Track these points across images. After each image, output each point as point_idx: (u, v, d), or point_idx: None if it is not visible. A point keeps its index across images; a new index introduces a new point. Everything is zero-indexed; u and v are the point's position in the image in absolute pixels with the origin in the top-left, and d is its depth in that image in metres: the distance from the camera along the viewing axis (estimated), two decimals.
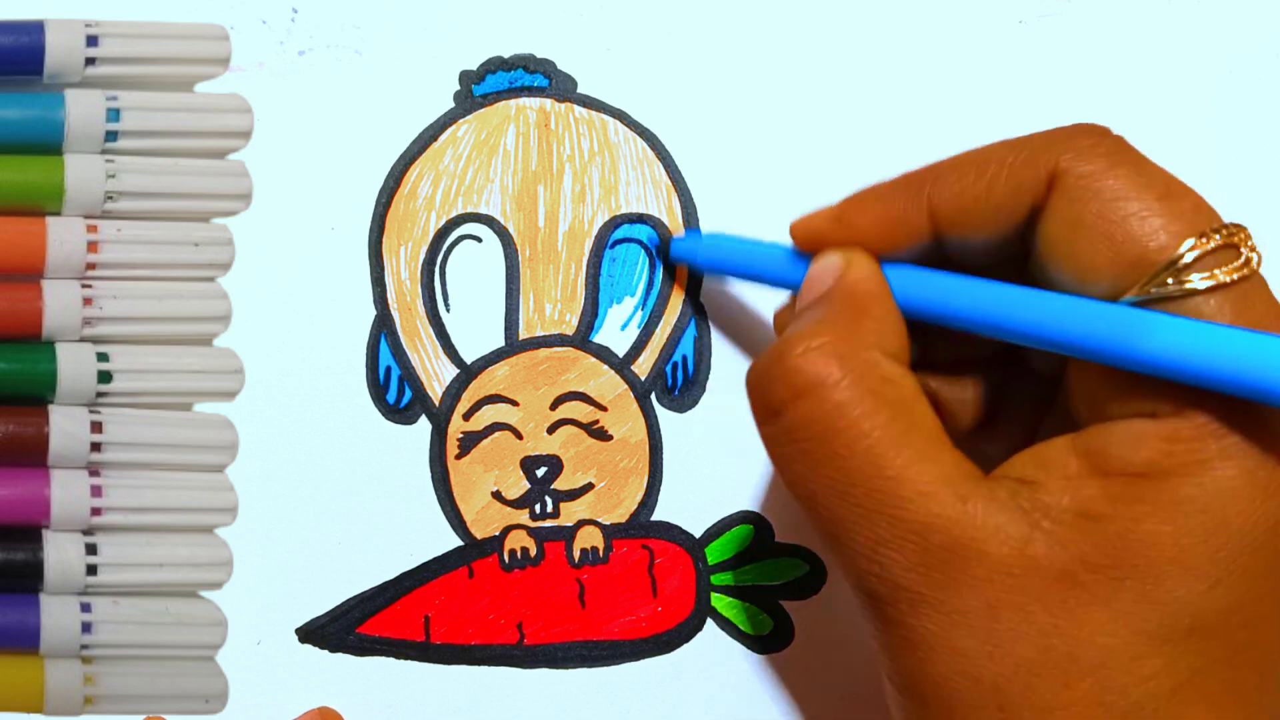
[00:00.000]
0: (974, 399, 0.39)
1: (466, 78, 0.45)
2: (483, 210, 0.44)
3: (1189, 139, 0.46)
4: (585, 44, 0.45)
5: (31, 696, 0.42)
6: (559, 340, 0.44)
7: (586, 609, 0.43)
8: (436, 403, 0.44)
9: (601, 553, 0.44)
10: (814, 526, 0.34)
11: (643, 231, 0.44)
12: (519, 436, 0.44)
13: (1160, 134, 0.45)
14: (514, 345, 0.44)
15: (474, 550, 0.44)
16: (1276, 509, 0.32)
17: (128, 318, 0.43)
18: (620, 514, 0.44)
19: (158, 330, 0.43)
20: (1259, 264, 0.33)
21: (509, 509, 0.44)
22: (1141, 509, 0.32)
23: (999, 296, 0.34)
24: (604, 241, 0.44)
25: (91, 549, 0.42)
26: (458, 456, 0.44)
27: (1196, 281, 0.32)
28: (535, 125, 0.45)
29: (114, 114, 0.43)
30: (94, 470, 0.43)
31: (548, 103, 0.45)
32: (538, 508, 0.44)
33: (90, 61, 0.43)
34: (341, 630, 0.43)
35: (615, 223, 0.44)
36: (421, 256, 0.44)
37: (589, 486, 0.44)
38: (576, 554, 0.44)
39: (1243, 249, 0.32)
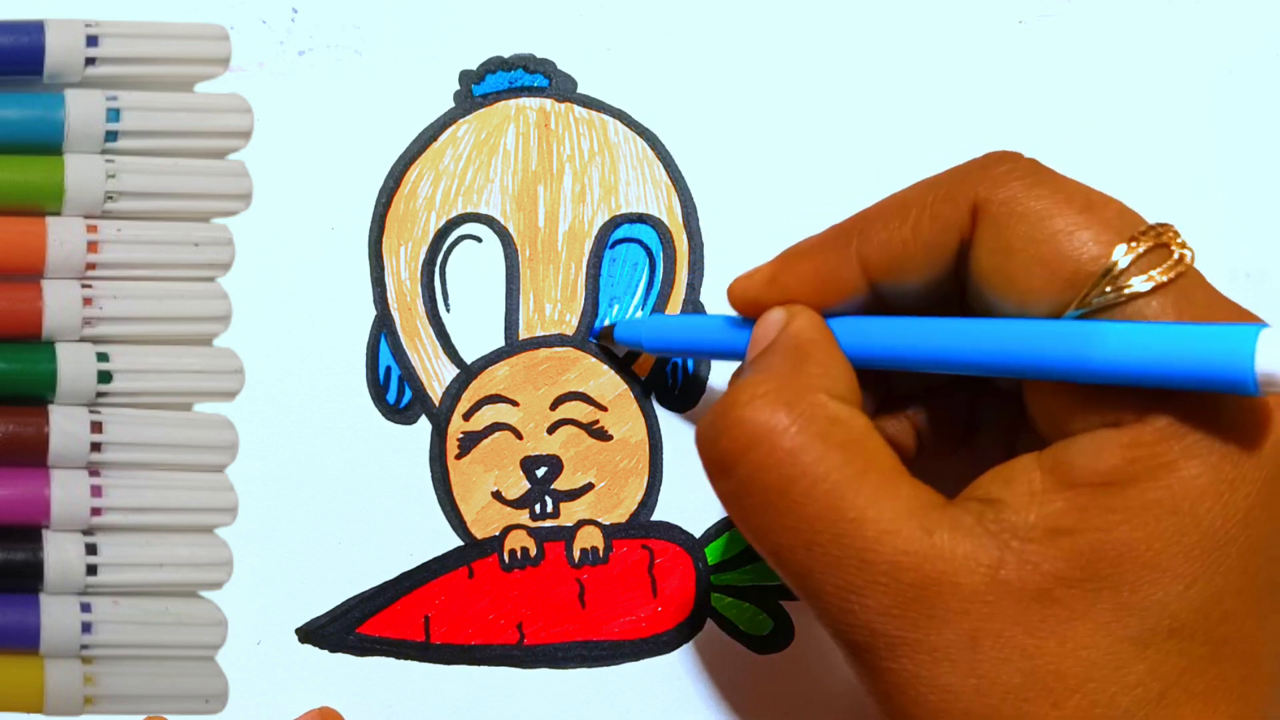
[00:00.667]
0: (947, 421, 0.39)
1: (466, 78, 0.45)
2: (483, 210, 0.44)
3: (1189, 139, 0.46)
4: (585, 44, 0.45)
5: (31, 696, 0.42)
6: (559, 340, 0.44)
7: (586, 609, 0.43)
8: (436, 403, 0.44)
9: (601, 553, 0.44)
10: (783, 579, 0.34)
11: (643, 231, 0.44)
12: (519, 436, 0.44)
13: (1160, 134, 0.45)
14: (514, 345, 0.44)
15: (474, 550, 0.44)
16: (1244, 501, 0.31)
17: (128, 318, 0.43)
18: (620, 514, 0.44)
19: (158, 330, 0.43)
20: (1192, 259, 0.33)
21: (509, 509, 0.44)
22: (1111, 518, 0.32)
23: (943, 331, 0.34)
24: (604, 241, 0.44)
25: (91, 549, 0.42)
26: (458, 456, 0.44)
27: (1135, 285, 0.32)
28: (535, 125, 0.45)
29: (114, 114, 0.43)
30: (94, 470, 0.43)
31: (548, 103, 0.45)
32: (538, 508, 0.44)
33: (90, 61, 0.43)
34: (341, 630, 0.43)
35: (615, 223, 0.44)
36: (421, 256, 0.44)
37: (589, 486, 0.44)
38: (576, 554, 0.44)
39: (1173, 247, 0.32)
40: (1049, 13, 0.46)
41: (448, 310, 0.44)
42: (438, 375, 0.44)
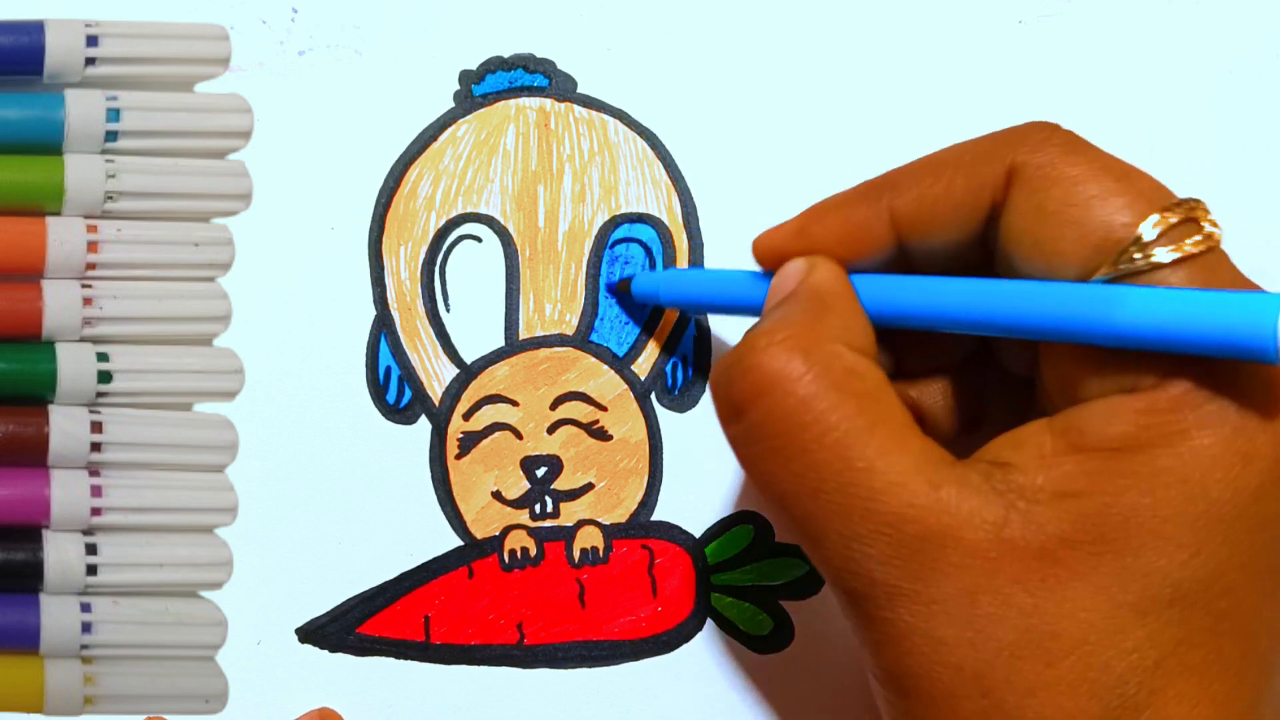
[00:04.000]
0: (953, 405, 0.39)
1: (466, 77, 0.45)
2: (483, 210, 0.44)
3: (1189, 139, 0.46)
4: (585, 44, 0.45)
5: (31, 696, 0.42)
6: (559, 340, 0.44)
7: (586, 609, 0.43)
8: (436, 403, 0.44)
9: (601, 553, 0.44)
10: (788, 526, 0.34)
11: (643, 231, 0.44)
12: (519, 436, 0.44)
13: (1161, 134, 0.45)
14: (514, 345, 0.44)
15: (474, 550, 0.44)
16: (1256, 475, 0.31)
17: (128, 318, 0.43)
18: (620, 514, 0.44)
19: (158, 330, 0.43)
20: (1220, 238, 0.33)
21: (509, 509, 0.44)
22: (1120, 482, 0.32)
23: (967, 290, 0.34)
24: (604, 241, 0.44)
25: (91, 549, 0.42)
26: (458, 456, 0.44)
27: (1162, 255, 0.32)
28: (535, 125, 0.45)
29: (114, 114, 0.43)
30: (94, 470, 0.43)
31: (548, 103, 0.45)
32: (538, 508, 0.44)
33: (90, 61, 0.43)
34: (341, 630, 0.43)
35: (615, 222, 0.44)
36: (421, 256, 0.44)
37: (589, 486, 0.44)
38: (576, 554, 0.44)
39: (1204, 223, 0.33)
40: (1049, 13, 0.46)
41: (448, 310, 0.44)
42: (438, 375, 0.44)
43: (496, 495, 0.44)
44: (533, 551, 0.44)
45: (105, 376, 0.43)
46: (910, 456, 0.33)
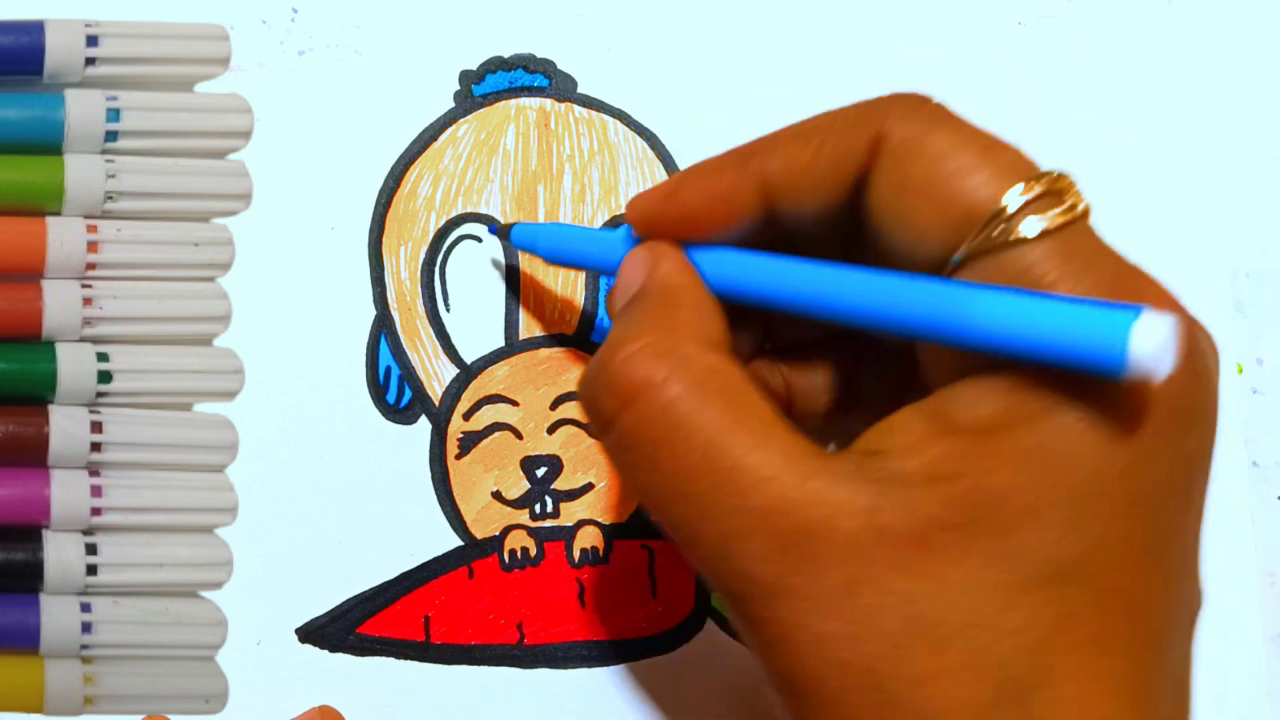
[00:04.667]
0: (829, 381, 0.38)
1: (466, 78, 0.45)
2: (483, 210, 0.44)
3: (1189, 139, 0.46)
4: (585, 44, 0.45)
5: (31, 696, 0.42)
6: (559, 340, 0.44)
7: (586, 609, 0.43)
8: (436, 403, 0.44)
9: (601, 553, 0.44)
10: (666, 532, 0.34)
11: None
12: (519, 436, 0.44)
13: (1160, 134, 0.45)
14: (514, 345, 0.44)
15: (474, 550, 0.44)
16: (1123, 450, 0.31)
17: (128, 318, 0.43)
18: (620, 514, 0.44)
19: (158, 330, 0.43)
20: (1086, 210, 0.32)
21: (509, 509, 0.44)
22: (989, 463, 0.31)
23: (818, 277, 0.34)
24: None
25: (91, 549, 0.42)
26: (458, 456, 0.44)
27: (1024, 230, 0.32)
28: (535, 125, 0.45)
29: (114, 114, 0.43)
30: (94, 470, 0.43)
31: (548, 103, 0.45)
32: (538, 508, 0.44)
33: (90, 61, 0.43)
34: (341, 630, 0.43)
35: (615, 222, 0.44)
36: (422, 256, 0.44)
37: (589, 486, 0.44)
38: (576, 554, 0.44)
39: (1067, 195, 0.32)
40: (1049, 13, 0.46)
41: (448, 310, 0.44)
42: (438, 375, 0.44)
43: (496, 495, 0.44)
44: (533, 551, 0.44)
45: (105, 376, 0.43)
46: (778, 450, 0.32)
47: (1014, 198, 0.32)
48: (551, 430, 0.44)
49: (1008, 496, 0.31)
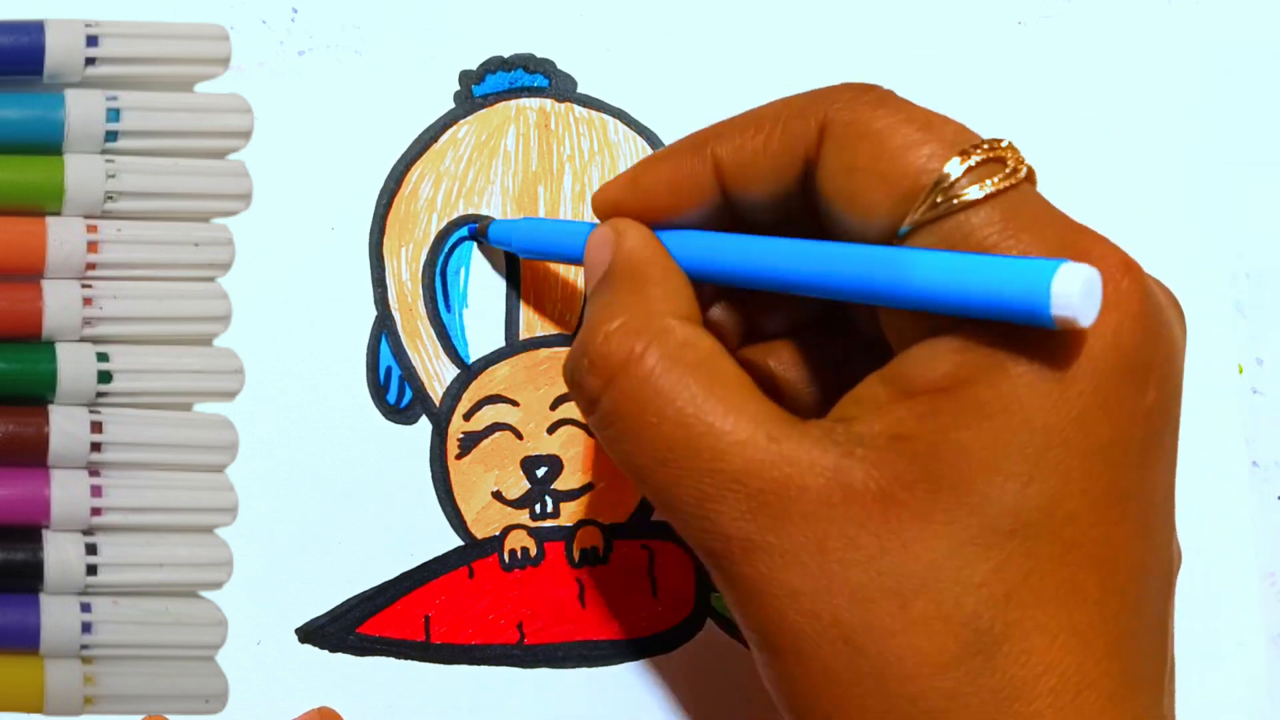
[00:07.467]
0: (816, 370, 0.39)
1: (466, 78, 0.45)
2: (484, 211, 0.44)
3: (1189, 139, 0.46)
4: (585, 44, 0.45)
5: (31, 696, 0.42)
6: (559, 340, 0.44)
7: (586, 609, 0.43)
8: (437, 403, 0.44)
9: (601, 553, 0.44)
10: (649, 500, 0.35)
11: None
12: (519, 436, 0.44)
13: (1160, 134, 0.45)
14: (514, 345, 0.44)
15: (474, 550, 0.44)
16: (1076, 399, 0.32)
17: (128, 318, 0.43)
18: (620, 514, 0.44)
19: (158, 330, 0.43)
20: (1029, 174, 0.33)
21: (509, 509, 0.44)
22: (946, 420, 0.32)
23: (774, 249, 0.35)
24: None
25: (91, 549, 0.42)
26: (458, 456, 0.44)
27: (966, 196, 0.32)
28: (535, 125, 0.45)
29: (114, 114, 0.43)
30: (94, 470, 0.43)
31: (548, 103, 0.45)
32: (538, 508, 0.44)
33: (90, 61, 0.43)
34: (341, 630, 0.43)
35: None
36: (423, 258, 0.44)
37: (589, 486, 0.44)
38: (576, 554, 0.44)
39: (1009, 160, 0.33)
40: (1049, 13, 0.46)
41: (448, 311, 0.44)
42: (438, 375, 0.44)
43: (497, 495, 0.44)
44: (533, 551, 0.44)
45: (105, 376, 0.43)
46: (748, 416, 0.34)
47: (955, 166, 0.33)
48: (552, 430, 0.44)
49: (967, 451, 0.32)
